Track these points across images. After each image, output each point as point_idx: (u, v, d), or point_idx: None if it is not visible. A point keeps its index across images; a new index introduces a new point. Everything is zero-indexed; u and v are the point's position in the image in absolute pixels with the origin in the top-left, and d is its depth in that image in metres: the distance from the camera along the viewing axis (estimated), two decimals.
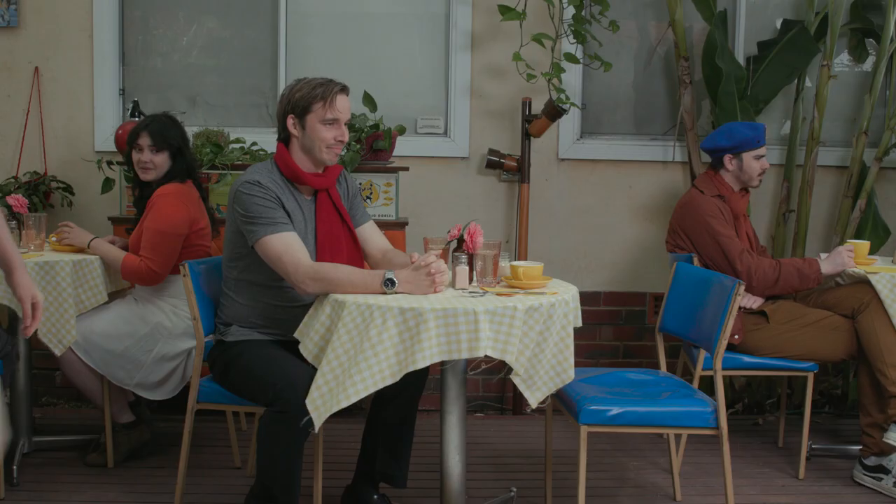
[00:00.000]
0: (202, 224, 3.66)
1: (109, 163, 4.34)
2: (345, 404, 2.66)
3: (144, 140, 3.62)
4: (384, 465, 3.20)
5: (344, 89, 3.08)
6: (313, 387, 2.71)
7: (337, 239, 3.12)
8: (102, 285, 3.64)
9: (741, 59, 4.73)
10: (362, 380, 2.64)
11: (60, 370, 4.27)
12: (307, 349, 2.82)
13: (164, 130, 3.64)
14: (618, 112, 4.86)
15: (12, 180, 4.45)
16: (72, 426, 4.19)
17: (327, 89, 3.03)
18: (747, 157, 3.91)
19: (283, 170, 3.07)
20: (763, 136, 3.93)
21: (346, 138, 3.09)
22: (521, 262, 3.00)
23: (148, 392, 3.61)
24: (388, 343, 2.64)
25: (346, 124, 3.08)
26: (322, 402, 2.70)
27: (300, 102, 3.04)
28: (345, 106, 3.07)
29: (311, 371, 2.79)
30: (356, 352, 2.66)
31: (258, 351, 3.02)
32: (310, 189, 3.12)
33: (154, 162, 3.63)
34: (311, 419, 2.71)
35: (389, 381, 2.65)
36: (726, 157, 3.92)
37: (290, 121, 3.06)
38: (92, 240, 3.68)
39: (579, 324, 3.01)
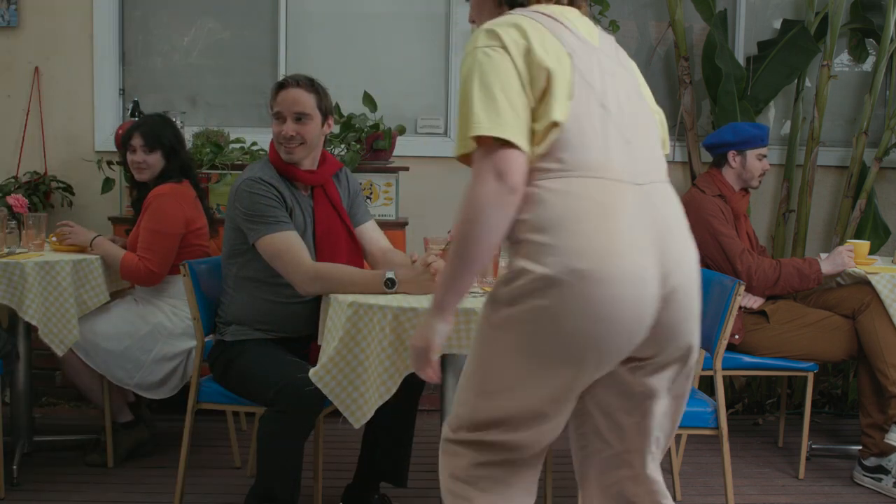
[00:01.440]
0: (199, 224, 3.66)
1: (109, 163, 4.34)
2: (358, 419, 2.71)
3: (137, 141, 3.63)
4: (384, 465, 3.20)
5: (286, 84, 3.03)
6: (319, 365, 2.70)
7: (336, 236, 3.12)
8: (104, 285, 3.64)
9: (741, 59, 4.73)
10: (368, 391, 2.66)
11: (60, 370, 4.27)
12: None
13: (156, 130, 3.64)
14: None
15: (12, 180, 4.46)
16: (72, 426, 4.19)
17: (275, 84, 3.08)
18: (751, 155, 3.92)
19: (276, 166, 3.08)
20: (767, 137, 3.94)
21: (296, 133, 3.00)
22: None
23: (148, 392, 3.60)
24: (387, 343, 2.64)
25: (299, 119, 3.00)
26: (334, 384, 2.68)
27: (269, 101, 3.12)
28: (288, 99, 3.01)
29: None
30: (360, 360, 2.67)
31: (258, 350, 3.02)
32: (306, 185, 3.12)
33: (147, 162, 3.63)
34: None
35: (393, 390, 2.65)
36: (730, 154, 3.92)
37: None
38: (95, 238, 3.68)
39: None
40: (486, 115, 1.79)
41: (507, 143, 1.78)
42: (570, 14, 1.99)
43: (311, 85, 3.06)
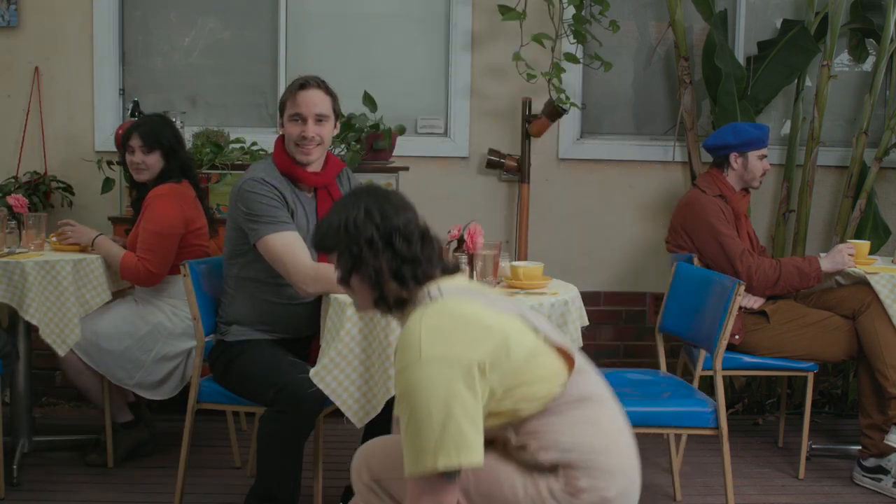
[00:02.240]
0: (199, 224, 3.66)
1: (109, 163, 4.34)
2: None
3: (135, 141, 3.63)
4: None
5: (308, 84, 3.02)
6: (320, 365, 2.71)
7: None
8: (105, 284, 3.65)
9: (741, 59, 4.72)
10: (372, 392, 2.66)
11: (60, 370, 4.27)
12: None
13: (155, 130, 3.64)
14: (618, 112, 4.86)
15: (12, 180, 4.45)
16: (72, 426, 4.19)
17: (293, 85, 3.04)
18: (752, 156, 3.92)
19: (279, 167, 3.07)
20: (767, 138, 3.94)
21: (315, 134, 3.01)
22: (522, 263, 3.01)
23: (148, 392, 3.60)
24: (388, 343, 2.64)
25: (318, 121, 3.02)
26: (336, 384, 2.69)
27: (281, 100, 3.09)
28: (310, 100, 3.00)
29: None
30: (361, 359, 2.67)
31: (258, 350, 3.02)
32: (310, 186, 3.12)
33: (146, 163, 3.63)
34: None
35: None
36: (732, 155, 3.92)
37: (279, 119, 3.09)
38: (96, 237, 3.68)
39: (585, 322, 3.01)
40: (450, 444, 1.83)
41: (452, 474, 1.86)
42: (463, 279, 2.13)
43: (327, 87, 3.08)
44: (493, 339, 1.92)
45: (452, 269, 2.10)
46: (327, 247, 2.10)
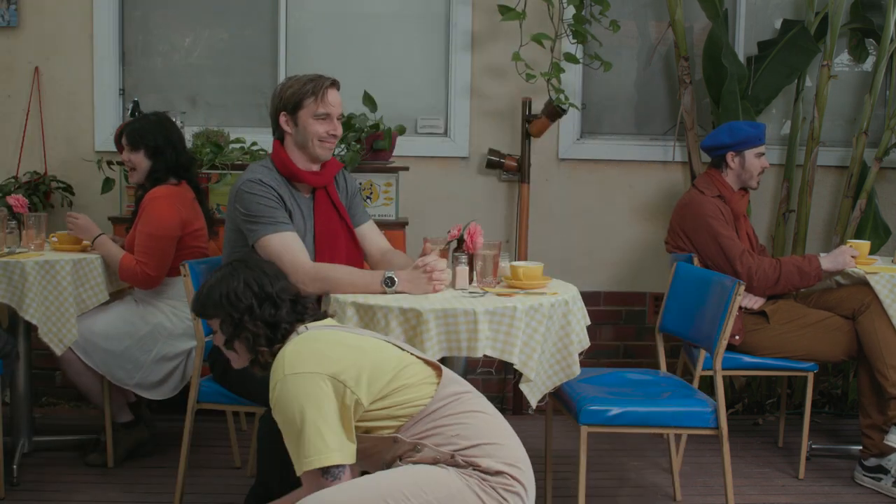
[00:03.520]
0: (197, 225, 3.66)
1: (109, 163, 4.34)
2: None
3: (124, 140, 3.69)
4: None
5: (334, 84, 3.09)
6: None
7: (335, 237, 3.12)
8: (103, 284, 3.65)
9: (741, 59, 4.72)
10: None
11: (60, 370, 4.27)
12: None
13: (142, 130, 3.65)
14: (618, 112, 4.86)
15: (12, 180, 4.45)
16: (72, 426, 4.19)
17: (318, 84, 3.04)
18: (749, 154, 3.92)
19: (279, 168, 3.07)
20: (763, 135, 3.94)
21: (339, 132, 3.11)
22: (521, 263, 3.00)
23: (148, 392, 3.61)
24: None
25: (338, 119, 3.09)
26: None
27: (291, 99, 3.05)
28: (336, 100, 3.07)
29: None
30: None
31: None
32: (307, 187, 3.12)
33: (132, 161, 3.65)
34: None
35: None
36: (729, 155, 3.92)
37: (282, 118, 3.07)
38: (98, 236, 3.68)
39: (588, 321, 3.01)
40: (311, 448, 2.19)
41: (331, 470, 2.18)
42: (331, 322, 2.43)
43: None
44: (352, 355, 2.21)
45: (320, 317, 2.39)
46: (209, 314, 2.38)
